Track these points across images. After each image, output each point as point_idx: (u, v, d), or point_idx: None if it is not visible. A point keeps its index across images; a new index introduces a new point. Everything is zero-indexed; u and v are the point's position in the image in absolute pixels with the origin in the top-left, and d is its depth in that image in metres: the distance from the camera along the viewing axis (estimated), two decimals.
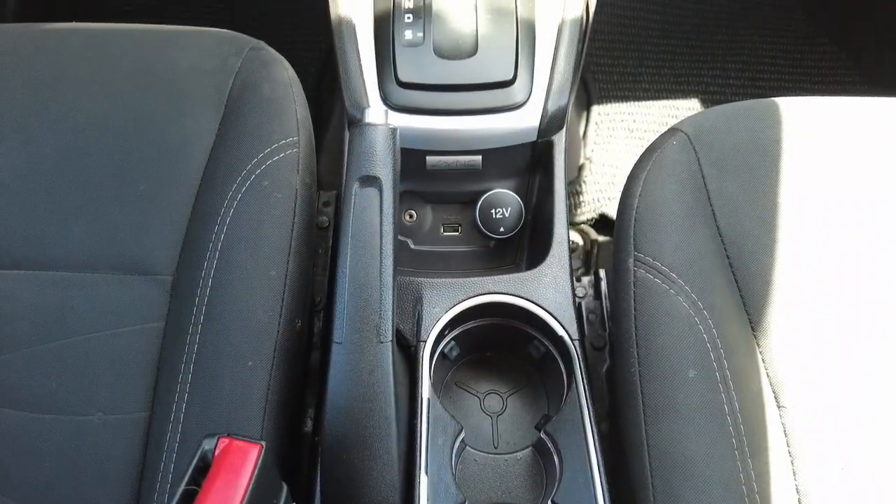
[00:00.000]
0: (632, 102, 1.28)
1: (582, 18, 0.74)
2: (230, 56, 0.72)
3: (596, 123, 1.24)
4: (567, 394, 0.64)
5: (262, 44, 0.75)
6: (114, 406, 0.58)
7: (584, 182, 1.17)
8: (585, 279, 0.78)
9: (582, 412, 0.62)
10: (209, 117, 0.69)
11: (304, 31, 1.39)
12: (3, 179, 0.66)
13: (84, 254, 0.63)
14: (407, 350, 0.66)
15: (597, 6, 0.85)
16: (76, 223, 0.64)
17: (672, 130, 0.68)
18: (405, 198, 0.78)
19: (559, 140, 0.73)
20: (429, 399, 0.62)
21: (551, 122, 0.71)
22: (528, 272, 0.69)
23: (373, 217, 0.53)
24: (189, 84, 0.71)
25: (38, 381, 0.59)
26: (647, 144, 0.69)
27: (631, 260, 0.60)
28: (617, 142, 1.23)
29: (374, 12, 0.73)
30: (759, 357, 0.59)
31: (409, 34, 0.70)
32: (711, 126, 0.68)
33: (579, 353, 0.65)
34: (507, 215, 0.75)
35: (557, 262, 0.69)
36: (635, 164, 0.66)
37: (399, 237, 0.78)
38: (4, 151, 0.67)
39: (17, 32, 0.77)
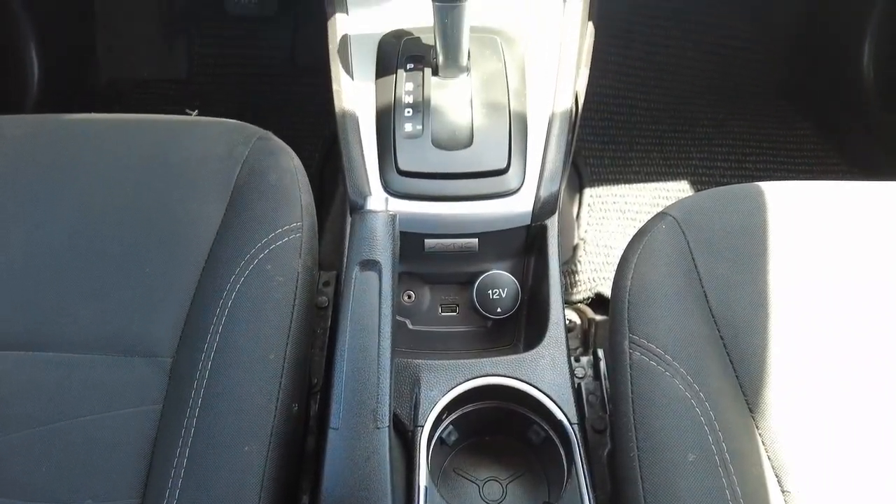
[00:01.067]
0: (623, 185, 1.33)
1: (571, 111, 0.79)
2: (238, 145, 0.76)
3: (589, 205, 1.28)
4: (567, 480, 0.63)
5: (270, 134, 0.79)
6: (105, 492, 0.57)
7: (579, 262, 1.19)
8: (584, 359, 0.79)
9: (582, 499, 0.61)
10: (216, 203, 0.71)
11: (309, 119, 1.46)
12: (12, 262, 0.68)
13: (85, 335, 0.64)
14: (404, 435, 0.65)
15: (585, 97, 0.90)
16: (80, 305, 0.66)
17: (661, 214, 0.70)
18: (404, 279, 0.80)
19: (552, 224, 0.76)
20: (426, 487, 0.61)
21: (544, 208, 0.74)
22: (526, 354, 0.69)
23: (372, 300, 0.55)
24: (198, 171, 0.74)
25: (29, 466, 0.58)
26: (639, 225, 0.72)
27: (626, 342, 0.61)
28: (610, 223, 1.26)
29: (376, 107, 0.78)
30: (759, 439, 0.58)
31: (408, 127, 0.75)
32: (699, 209, 0.71)
33: (579, 437, 0.64)
34: (503, 296, 0.77)
35: (555, 343, 0.70)
36: (626, 248, 0.68)
37: (397, 318, 0.79)
38: (16, 236, 0.70)
39: (37, 122, 0.81)
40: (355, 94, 0.79)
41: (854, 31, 1.37)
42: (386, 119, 0.76)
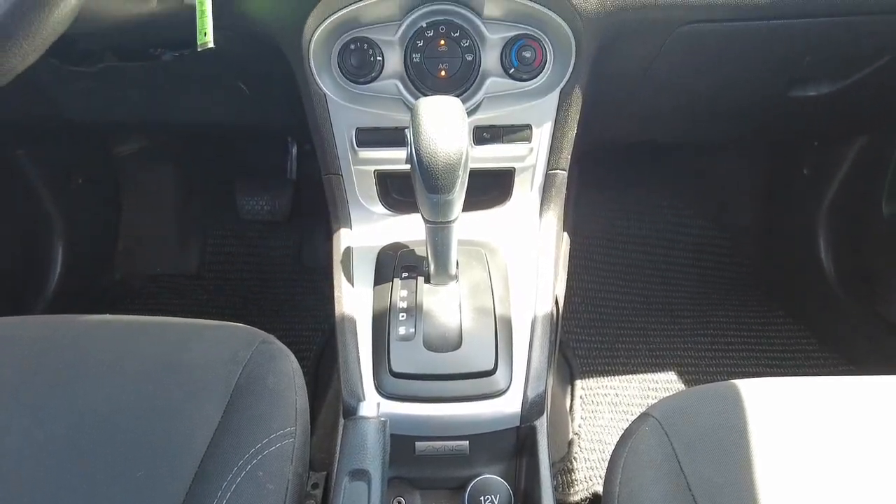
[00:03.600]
0: (613, 377, 1.36)
1: (552, 313, 0.86)
2: (241, 349, 0.80)
3: (581, 398, 1.30)
4: None
5: (272, 338, 0.83)
6: None
7: (574, 458, 1.17)
8: None
9: None
10: (214, 406, 0.73)
11: (310, 312, 1.54)
12: (6, 467, 0.68)
13: None
14: None
15: (572, 291, 0.98)
16: None
17: (644, 416, 0.73)
18: (394, 485, 0.79)
19: (541, 426, 0.77)
20: None
21: (532, 408, 0.76)
22: None
23: None
24: (200, 375, 0.77)
25: None
26: (631, 418, 0.73)
27: None
28: (602, 416, 1.27)
29: (373, 311, 0.84)
30: None
31: (402, 330, 0.80)
32: (680, 410, 0.73)
33: None
34: (496, 503, 0.76)
35: None
36: (613, 452, 0.69)
37: None
38: (13, 437, 0.70)
39: (50, 324, 0.86)
40: (354, 300, 0.86)
41: (807, 225, 1.51)
42: (381, 322, 0.82)
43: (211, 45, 0.72)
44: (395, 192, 0.96)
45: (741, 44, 0.90)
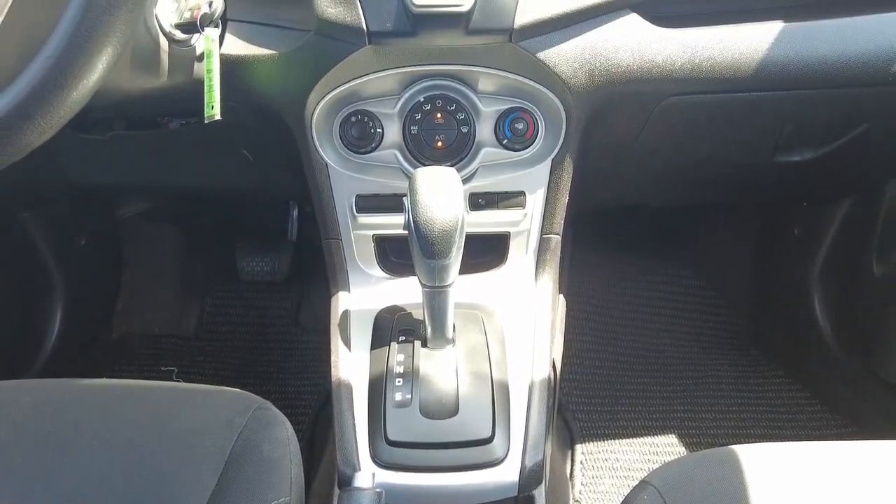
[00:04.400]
0: (612, 440, 1.34)
1: (549, 378, 0.85)
2: (237, 415, 0.79)
3: (581, 462, 1.27)
4: None
5: (268, 403, 0.83)
6: None
7: None
8: None
9: None
10: (208, 473, 0.72)
11: (307, 373, 1.53)
12: None
13: None
14: None
15: (570, 353, 0.98)
16: None
17: (643, 484, 0.72)
18: None
19: (539, 495, 0.76)
20: None
21: (530, 477, 0.75)
22: None
23: None
24: (195, 442, 0.76)
25: None
26: (632, 483, 0.72)
27: None
28: (603, 482, 1.24)
29: (370, 376, 0.84)
30: None
31: (398, 396, 0.80)
32: (679, 477, 0.72)
33: None
34: None
35: None
36: None
37: None
38: None
39: (46, 388, 0.85)
40: (351, 365, 0.86)
41: (801, 284, 1.52)
42: (378, 388, 0.82)
43: (218, 117, 0.76)
44: (394, 255, 0.98)
45: (726, 114, 0.94)
